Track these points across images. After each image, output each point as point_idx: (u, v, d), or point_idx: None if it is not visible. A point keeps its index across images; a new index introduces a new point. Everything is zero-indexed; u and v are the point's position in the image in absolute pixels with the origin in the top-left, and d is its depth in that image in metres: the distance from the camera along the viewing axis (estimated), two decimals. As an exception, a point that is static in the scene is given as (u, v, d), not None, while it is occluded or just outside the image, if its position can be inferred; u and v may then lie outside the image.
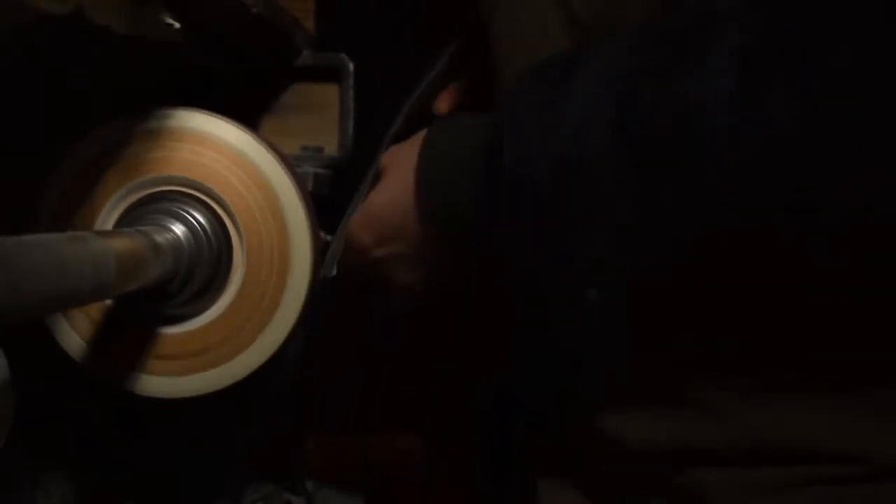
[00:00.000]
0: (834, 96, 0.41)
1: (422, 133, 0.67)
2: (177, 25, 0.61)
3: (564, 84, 0.51)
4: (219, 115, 0.67)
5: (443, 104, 0.79)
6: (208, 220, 0.65)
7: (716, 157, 0.44)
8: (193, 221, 0.65)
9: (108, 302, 0.66)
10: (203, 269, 0.64)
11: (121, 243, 0.52)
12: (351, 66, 0.80)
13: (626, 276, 0.49)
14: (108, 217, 0.66)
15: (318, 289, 0.71)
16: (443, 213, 0.63)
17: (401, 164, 0.67)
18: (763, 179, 0.43)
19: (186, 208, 0.65)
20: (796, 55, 0.42)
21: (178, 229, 0.64)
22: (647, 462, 0.55)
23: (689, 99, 0.44)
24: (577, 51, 0.53)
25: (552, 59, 0.54)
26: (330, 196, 0.79)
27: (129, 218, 0.65)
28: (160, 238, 0.60)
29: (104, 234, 0.59)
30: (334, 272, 0.73)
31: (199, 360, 0.67)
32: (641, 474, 0.56)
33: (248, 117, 0.74)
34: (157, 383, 0.68)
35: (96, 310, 0.67)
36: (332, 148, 0.82)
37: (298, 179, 0.69)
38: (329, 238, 0.77)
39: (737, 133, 0.43)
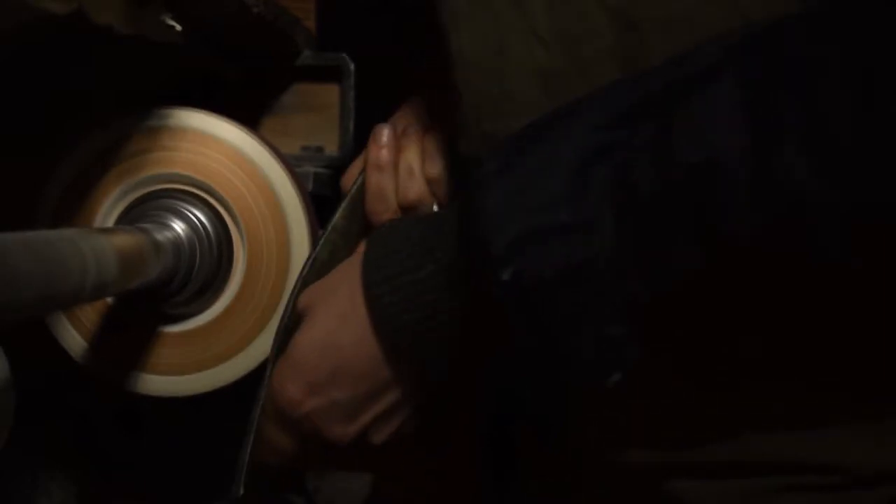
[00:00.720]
0: (838, 143, 0.40)
1: (342, 269, 0.61)
2: (177, 26, 0.61)
3: (546, 177, 0.47)
4: (219, 115, 0.67)
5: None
6: (209, 218, 0.65)
7: (736, 213, 0.42)
8: (194, 219, 0.65)
9: (109, 301, 0.66)
10: (204, 267, 0.64)
11: (121, 241, 0.52)
12: (351, 66, 0.80)
13: (645, 349, 0.47)
14: (108, 215, 0.66)
15: None
16: (412, 336, 0.56)
17: (328, 297, 0.60)
18: (781, 230, 0.42)
19: (187, 206, 0.65)
20: (799, 104, 0.41)
21: (179, 227, 0.64)
22: (632, 473, 0.55)
23: (697, 161, 0.42)
24: (550, 131, 0.48)
25: (521, 143, 0.49)
26: (330, 196, 0.79)
27: (130, 216, 0.65)
28: (161, 236, 0.60)
29: (105, 231, 0.59)
30: (242, 492, 0.64)
31: (199, 360, 0.67)
32: (627, 486, 0.56)
33: (248, 117, 0.75)
34: (157, 383, 0.68)
35: (97, 309, 0.67)
36: (332, 148, 0.82)
37: (298, 179, 0.69)
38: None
39: (758, 187, 0.42)
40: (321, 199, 0.76)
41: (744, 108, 0.42)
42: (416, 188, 0.67)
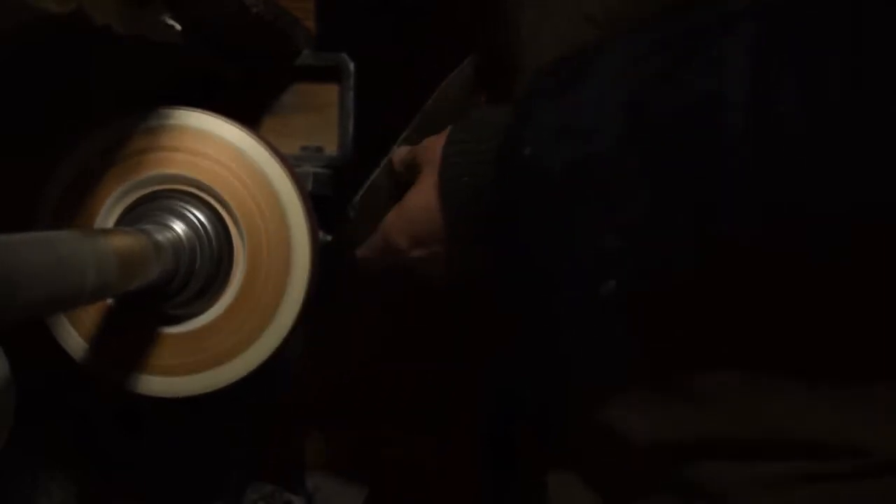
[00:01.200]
0: (839, 96, 0.42)
1: (448, 129, 0.68)
2: (177, 26, 0.61)
3: (577, 82, 0.52)
4: (219, 115, 0.67)
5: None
6: (209, 218, 0.65)
7: (729, 154, 0.45)
8: (194, 220, 0.65)
9: (109, 301, 0.66)
10: (203, 268, 0.64)
11: (122, 242, 0.52)
12: (351, 66, 0.80)
13: (640, 271, 0.50)
14: (108, 216, 0.66)
15: (328, 252, 0.72)
16: (465, 211, 0.64)
17: (432, 161, 0.68)
18: (774, 175, 0.44)
19: (187, 207, 0.65)
20: (805, 56, 0.43)
21: (179, 228, 0.64)
22: (653, 457, 0.55)
23: (702, 97, 0.46)
24: (590, 50, 0.54)
25: (567, 57, 0.55)
26: (330, 196, 0.79)
27: (130, 217, 0.65)
28: (161, 237, 0.60)
29: (105, 232, 0.59)
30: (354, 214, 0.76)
31: (199, 360, 0.67)
32: (647, 469, 0.56)
33: (248, 117, 0.75)
34: (157, 383, 0.67)
35: (97, 309, 0.67)
36: (331, 148, 0.82)
37: (298, 179, 0.69)
38: (329, 238, 0.77)
39: (751, 130, 0.44)
40: (321, 198, 0.76)
41: (753, 53, 0.44)
42: None
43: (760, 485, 0.52)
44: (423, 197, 0.67)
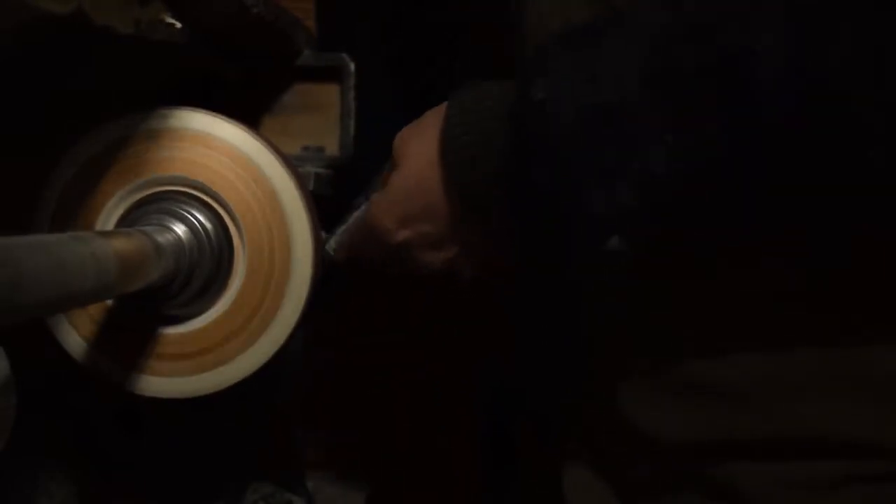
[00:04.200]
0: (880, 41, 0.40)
1: (435, 109, 0.68)
2: (177, 25, 0.61)
3: (596, 37, 0.50)
4: (219, 115, 0.67)
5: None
6: (209, 220, 0.65)
7: (764, 100, 0.43)
8: (195, 221, 0.65)
9: (109, 302, 0.66)
10: (204, 270, 0.64)
11: (122, 244, 0.52)
12: (351, 66, 0.80)
13: (649, 227, 0.49)
14: (109, 217, 0.66)
15: (322, 267, 0.72)
16: (470, 179, 0.63)
17: (420, 141, 0.67)
18: (814, 121, 0.42)
19: (187, 208, 0.65)
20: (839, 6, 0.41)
21: (180, 229, 0.64)
22: (679, 456, 0.53)
23: (734, 43, 0.43)
24: (608, 10, 0.51)
25: (578, 24, 0.53)
26: (331, 196, 0.79)
27: (130, 218, 0.65)
28: (161, 238, 0.60)
29: (105, 234, 0.59)
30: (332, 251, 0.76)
31: (199, 361, 0.67)
32: (674, 469, 0.54)
33: (248, 117, 0.75)
34: (157, 383, 0.67)
35: (97, 310, 0.67)
36: (333, 148, 0.82)
37: (299, 179, 0.69)
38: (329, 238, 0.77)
39: (790, 74, 0.42)
40: (322, 198, 0.76)
41: (789, 8, 0.42)
42: None
43: (794, 486, 0.50)
44: (409, 173, 0.67)
